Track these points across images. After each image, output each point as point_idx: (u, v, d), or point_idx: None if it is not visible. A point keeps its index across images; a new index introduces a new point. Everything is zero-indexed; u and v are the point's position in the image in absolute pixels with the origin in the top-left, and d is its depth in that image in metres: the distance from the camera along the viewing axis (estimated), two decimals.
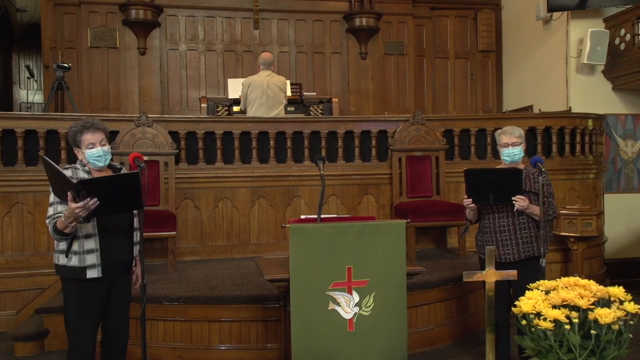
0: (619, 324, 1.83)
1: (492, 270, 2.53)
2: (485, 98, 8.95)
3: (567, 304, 1.90)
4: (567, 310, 1.87)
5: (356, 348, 2.79)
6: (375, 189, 5.66)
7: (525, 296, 2.01)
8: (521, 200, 3.35)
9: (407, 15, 8.48)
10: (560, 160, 5.92)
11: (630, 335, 1.86)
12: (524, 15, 8.21)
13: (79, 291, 2.82)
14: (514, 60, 8.69)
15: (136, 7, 7.52)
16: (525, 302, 1.95)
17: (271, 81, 5.99)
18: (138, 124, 5.10)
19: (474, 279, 2.55)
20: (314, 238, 2.74)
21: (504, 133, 3.68)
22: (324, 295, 2.77)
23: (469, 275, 2.58)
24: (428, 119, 5.72)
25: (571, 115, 6.29)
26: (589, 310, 1.87)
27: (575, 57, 7.15)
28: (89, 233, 2.79)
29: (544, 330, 1.83)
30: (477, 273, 2.55)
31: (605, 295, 1.96)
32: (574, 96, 7.21)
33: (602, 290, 1.97)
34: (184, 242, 5.30)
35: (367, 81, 8.32)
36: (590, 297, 1.91)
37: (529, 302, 1.94)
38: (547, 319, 1.84)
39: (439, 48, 8.85)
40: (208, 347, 3.89)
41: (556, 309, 1.87)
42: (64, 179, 2.60)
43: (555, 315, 1.84)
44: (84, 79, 7.60)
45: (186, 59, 7.97)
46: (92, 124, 2.87)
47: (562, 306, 1.90)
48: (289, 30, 8.26)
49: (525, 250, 3.49)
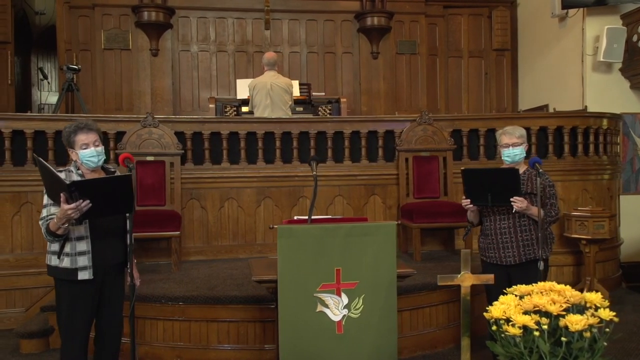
0: (592, 331, 1.77)
1: (468, 275, 2.47)
2: (500, 97, 8.81)
3: (538, 310, 1.84)
4: (537, 316, 1.81)
5: (345, 350, 2.76)
6: (382, 189, 5.62)
7: (498, 301, 1.96)
8: (519, 202, 3.28)
9: (420, 14, 8.39)
10: (572, 161, 5.79)
11: (605, 343, 1.79)
12: (540, 12, 8.06)
13: (70, 292, 2.86)
14: (530, 59, 8.54)
15: (148, 9, 7.60)
16: (496, 307, 1.90)
17: (275, 83, 5.99)
18: (144, 125, 5.15)
19: (449, 282, 2.49)
20: (301, 239, 2.71)
21: (504, 133, 3.62)
22: (312, 297, 2.74)
23: (444, 279, 2.52)
24: (435, 118, 5.66)
25: (585, 115, 6.15)
26: (560, 317, 1.81)
27: (592, 55, 6.99)
28: (81, 235, 2.82)
29: (512, 336, 1.78)
30: (453, 277, 2.49)
31: (580, 302, 1.90)
32: (590, 95, 7.04)
33: (577, 296, 1.90)
34: (190, 242, 5.33)
35: (379, 81, 8.26)
36: (562, 303, 1.85)
37: (500, 307, 1.89)
38: (515, 325, 1.79)
39: (453, 47, 8.74)
40: (206, 347, 3.91)
41: (527, 314, 1.82)
42: (57, 179, 2.63)
43: (524, 321, 1.78)
44: (98, 80, 7.71)
45: (198, 60, 8.02)
46: (85, 124, 2.90)
47: (534, 312, 1.84)
48: (300, 30, 8.25)
49: (527, 252, 3.42)
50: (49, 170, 2.66)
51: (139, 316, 4.01)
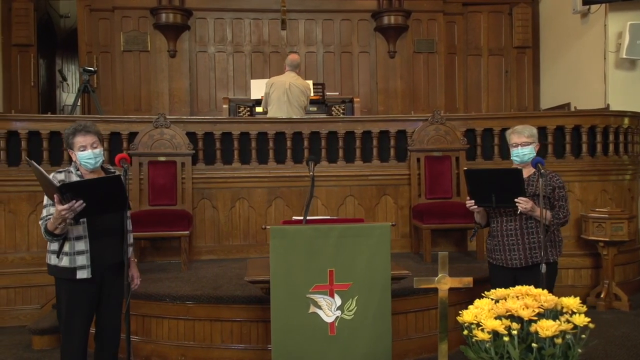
0: (566, 337, 1.70)
1: (447, 277, 2.41)
2: (520, 96, 8.64)
3: (511, 315, 1.79)
4: (508, 321, 1.76)
5: (338, 352, 2.74)
6: (393, 189, 5.56)
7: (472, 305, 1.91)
8: (524, 202, 3.20)
9: (438, 12, 8.29)
10: (591, 161, 5.62)
11: (579, 350, 1.72)
12: (562, 8, 7.87)
13: (70, 291, 2.91)
14: (552, 56, 8.34)
15: (166, 11, 7.70)
16: (469, 310, 1.85)
17: (294, 83, 5.99)
18: (156, 125, 5.21)
19: (426, 285, 2.43)
20: (294, 240, 2.71)
21: (514, 132, 3.55)
22: (304, 298, 2.73)
23: (420, 281, 2.46)
24: (448, 118, 5.58)
25: (605, 114, 5.97)
26: (532, 322, 1.75)
27: (614, 52, 6.79)
28: (80, 235, 2.88)
29: (482, 341, 1.73)
30: (431, 280, 2.43)
31: (555, 307, 1.83)
32: (612, 93, 6.85)
33: (552, 301, 1.83)
34: (201, 241, 5.37)
35: (396, 80, 8.19)
36: (535, 307, 1.78)
37: (473, 311, 1.83)
38: (485, 330, 1.73)
39: (472, 45, 8.61)
40: (210, 346, 3.93)
41: (499, 319, 1.76)
42: (49, 182, 2.69)
43: (493, 326, 1.73)
44: (117, 81, 7.85)
45: (215, 61, 8.09)
46: (83, 127, 2.96)
47: (506, 317, 1.78)
48: (316, 30, 8.24)
49: (533, 255, 3.34)
50: (41, 173, 2.71)
51: (145, 315, 4.09)
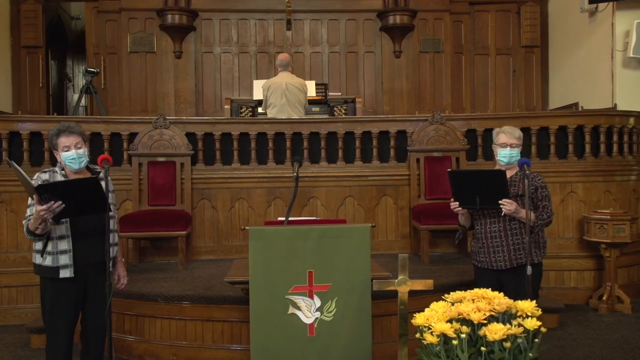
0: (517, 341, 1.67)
1: (406, 280, 2.38)
2: (529, 95, 8.53)
3: (462, 318, 1.76)
4: (458, 324, 1.73)
5: (316, 353, 2.73)
6: (393, 190, 5.53)
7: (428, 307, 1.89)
8: (508, 204, 3.16)
9: (444, 11, 8.23)
10: (594, 161, 5.53)
11: (531, 355, 1.69)
12: (570, 7, 7.75)
13: (53, 290, 2.95)
14: (561, 56, 8.23)
15: (172, 12, 7.76)
16: (423, 313, 1.83)
17: (290, 82, 5.99)
18: (156, 126, 5.26)
19: (386, 288, 2.40)
20: (273, 241, 2.70)
21: (503, 132, 3.50)
22: (283, 299, 2.73)
23: (380, 284, 2.43)
24: (448, 118, 5.53)
25: (610, 113, 5.86)
26: (482, 325, 1.73)
27: (622, 51, 6.68)
28: (62, 234, 2.91)
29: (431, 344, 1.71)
30: (390, 282, 2.40)
31: (508, 310, 1.80)
32: (620, 92, 6.74)
33: (505, 304, 1.80)
34: (200, 241, 5.40)
35: (401, 80, 8.15)
36: (487, 311, 1.76)
37: (427, 313, 1.81)
38: (434, 333, 1.71)
39: (479, 44, 8.53)
40: (202, 346, 3.94)
41: (450, 322, 1.74)
42: (28, 182, 2.72)
43: (442, 329, 1.71)
44: (124, 82, 7.94)
45: (220, 62, 8.14)
46: (67, 127, 2.99)
47: (457, 320, 1.76)
48: (321, 30, 8.24)
49: (517, 257, 3.30)
50: (21, 174, 2.74)
51: (139, 314, 4.12)
